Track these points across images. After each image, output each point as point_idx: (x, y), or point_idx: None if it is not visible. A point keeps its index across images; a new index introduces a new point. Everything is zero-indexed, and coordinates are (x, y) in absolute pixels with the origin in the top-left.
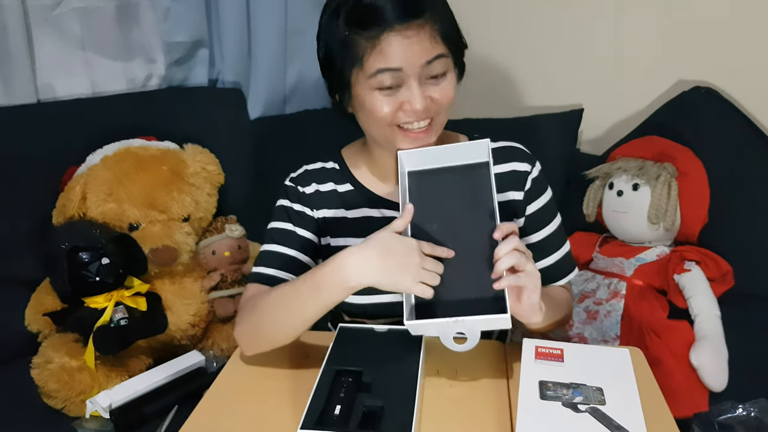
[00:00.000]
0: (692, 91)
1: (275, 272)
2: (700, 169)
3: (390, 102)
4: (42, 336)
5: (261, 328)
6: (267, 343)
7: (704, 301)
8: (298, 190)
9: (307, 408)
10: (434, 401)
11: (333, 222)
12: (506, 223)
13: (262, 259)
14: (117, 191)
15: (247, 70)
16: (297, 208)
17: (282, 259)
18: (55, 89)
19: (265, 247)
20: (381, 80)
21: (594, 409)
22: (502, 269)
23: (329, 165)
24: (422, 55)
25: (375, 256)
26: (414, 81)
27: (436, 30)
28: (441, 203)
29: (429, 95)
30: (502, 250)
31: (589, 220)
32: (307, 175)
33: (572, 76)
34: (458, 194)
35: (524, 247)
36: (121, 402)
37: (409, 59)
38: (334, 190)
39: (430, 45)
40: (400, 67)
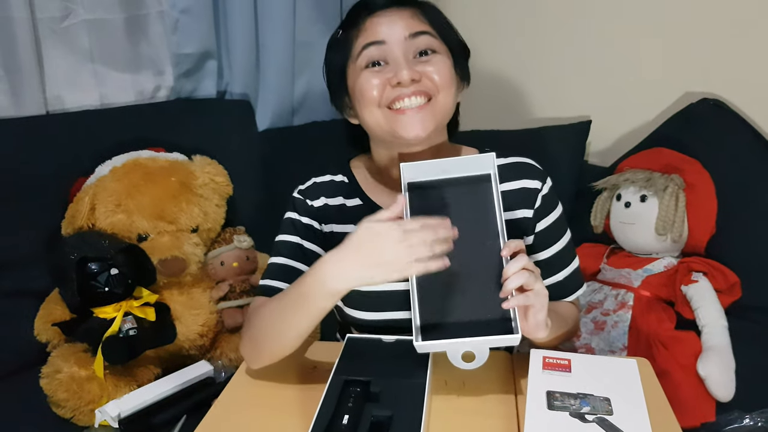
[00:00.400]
0: (700, 103)
1: (281, 285)
2: (708, 180)
3: (378, 77)
4: (51, 346)
5: (258, 341)
6: (267, 357)
7: (711, 312)
8: (306, 203)
9: (315, 418)
10: (442, 412)
11: (341, 237)
12: (513, 241)
13: (269, 272)
14: (126, 202)
15: (255, 82)
16: (305, 221)
17: (289, 273)
18: (64, 101)
19: (273, 260)
20: (367, 56)
21: (601, 420)
22: (511, 289)
23: (338, 178)
24: (405, 29)
25: (350, 254)
26: (399, 53)
27: (420, 16)
28: (445, 214)
29: (419, 70)
30: (511, 269)
31: (596, 231)
32: (315, 187)
33: (580, 88)
34: (462, 208)
35: (533, 265)
36: (130, 411)
37: (392, 32)
38: (343, 204)
39: (412, 21)
40: (383, 40)
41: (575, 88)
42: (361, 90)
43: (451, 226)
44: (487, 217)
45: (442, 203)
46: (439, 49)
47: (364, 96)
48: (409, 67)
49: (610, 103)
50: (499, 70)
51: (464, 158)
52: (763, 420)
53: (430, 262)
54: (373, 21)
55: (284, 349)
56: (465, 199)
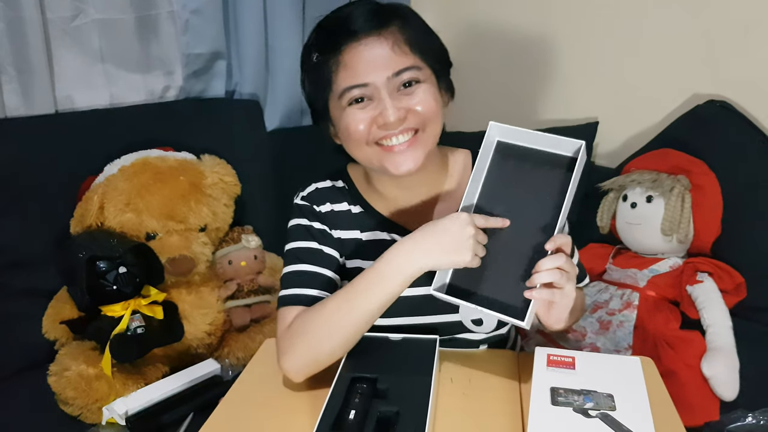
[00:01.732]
0: (707, 104)
1: (312, 292)
2: (714, 182)
3: (364, 116)
4: (59, 344)
5: (319, 344)
6: (326, 359)
7: (717, 313)
8: (314, 208)
9: (322, 413)
10: (448, 409)
11: (348, 243)
12: (561, 236)
13: (292, 282)
14: (135, 201)
15: (264, 83)
16: (318, 226)
17: (316, 279)
18: (74, 101)
19: (293, 268)
20: (350, 96)
21: (605, 415)
22: (537, 282)
23: (339, 184)
24: (387, 67)
25: (428, 240)
26: (384, 93)
27: (403, 40)
28: (515, 186)
29: (405, 107)
30: (545, 265)
31: (603, 232)
32: (318, 193)
33: (588, 90)
34: (534, 184)
35: (570, 265)
36: (138, 409)
37: (374, 72)
38: (349, 210)
39: (394, 54)
40: (366, 83)
41: (583, 89)
42: (347, 128)
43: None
44: (552, 203)
45: (519, 171)
46: (422, 77)
47: (350, 134)
48: (395, 106)
49: (618, 104)
50: (508, 72)
51: (555, 137)
52: (766, 418)
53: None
54: (354, 53)
55: (348, 344)
56: (541, 176)
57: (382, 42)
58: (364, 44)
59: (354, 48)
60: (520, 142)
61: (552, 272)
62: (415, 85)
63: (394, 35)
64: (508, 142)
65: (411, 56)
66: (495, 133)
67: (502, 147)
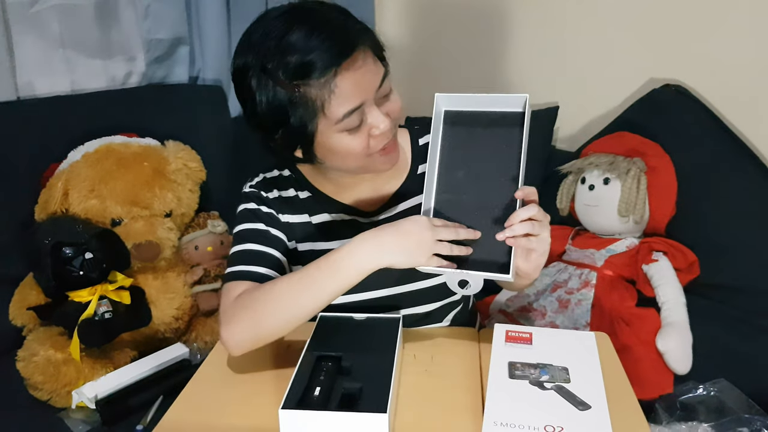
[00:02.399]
0: (662, 89)
1: (260, 269)
2: (669, 164)
3: (359, 137)
4: (26, 330)
5: (263, 321)
6: (266, 337)
7: (671, 290)
8: (261, 194)
9: (288, 390)
10: (411, 384)
11: (297, 227)
12: (529, 187)
13: (239, 259)
14: (99, 188)
15: (227, 68)
16: (265, 210)
17: (263, 257)
18: (35, 87)
19: (241, 247)
20: (348, 123)
21: (559, 387)
22: (512, 235)
23: (285, 173)
24: (374, 82)
25: (389, 241)
26: (374, 105)
27: (368, 48)
28: (470, 149)
29: (387, 111)
30: (518, 216)
31: (562, 214)
32: (266, 182)
33: (548, 75)
34: (489, 143)
35: (542, 214)
36: (107, 393)
37: (366, 91)
38: (297, 195)
39: (376, 68)
40: (360, 104)
41: (543, 74)
42: (346, 150)
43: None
44: (511, 156)
45: (471, 134)
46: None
47: (349, 154)
48: (385, 116)
49: (577, 89)
50: (467, 57)
51: (499, 95)
52: (716, 389)
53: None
54: (345, 78)
55: (290, 326)
56: (493, 135)
57: (367, 59)
58: (355, 68)
59: (346, 71)
60: (467, 107)
61: (525, 224)
62: (390, 90)
63: (367, 47)
64: (456, 109)
65: (380, 63)
66: (442, 104)
67: (451, 116)
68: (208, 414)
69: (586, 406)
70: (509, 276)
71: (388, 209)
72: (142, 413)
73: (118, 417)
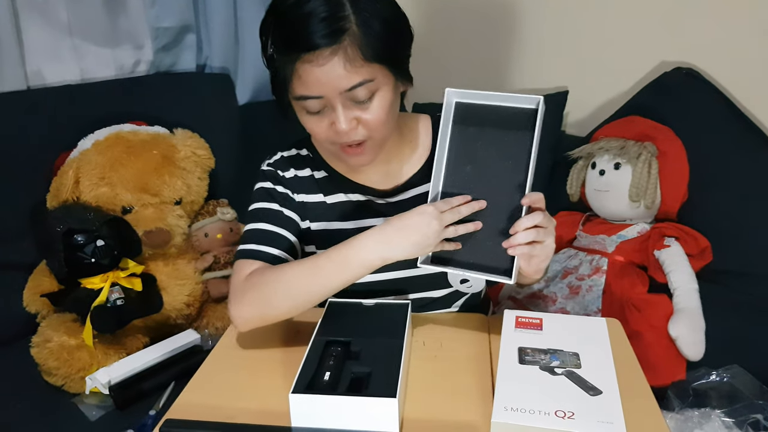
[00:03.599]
0: (674, 72)
1: (272, 250)
2: (680, 148)
3: (320, 123)
4: (40, 317)
5: (271, 302)
6: (273, 317)
7: (683, 276)
8: (278, 173)
9: (297, 375)
10: (420, 370)
11: (312, 206)
12: (535, 193)
13: (252, 237)
14: (109, 175)
15: (235, 56)
16: (280, 189)
17: (273, 238)
18: (44, 76)
19: (253, 226)
20: (306, 106)
21: (570, 372)
22: (516, 244)
23: (303, 152)
24: (341, 83)
25: (396, 235)
26: (338, 104)
27: (356, 53)
28: (480, 146)
29: (356, 117)
30: (523, 224)
31: (572, 199)
32: (284, 160)
33: (557, 59)
34: (499, 142)
35: (547, 220)
36: (120, 378)
37: (328, 88)
38: (312, 175)
39: (347, 72)
40: (320, 95)
41: (552, 58)
42: (305, 127)
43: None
44: (519, 159)
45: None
46: (377, 86)
47: (313, 134)
48: (347, 117)
49: (587, 73)
50: (476, 41)
51: (513, 95)
52: (728, 375)
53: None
54: (305, 68)
55: (298, 310)
56: (504, 135)
57: (334, 59)
58: (317, 63)
59: (307, 63)
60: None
61: (529, 232)
62: (368, 101)
63: (347, 50)
64: (468, 102)
65: (365, 68)
66: (453, 97)
67: (462, 109)
68: (219, 398)
69: (597, 392)
70: (510, 280)
71: (403, 192)
72: (155, 398)
73: (130, 402)
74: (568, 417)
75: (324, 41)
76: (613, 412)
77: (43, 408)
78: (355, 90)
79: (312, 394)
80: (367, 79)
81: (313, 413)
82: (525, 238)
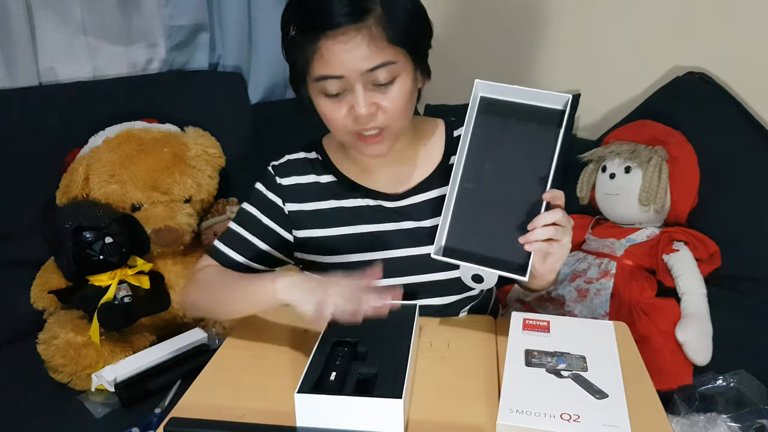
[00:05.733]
0: (686, 76)
1: (235, 255)
2: (691, 152)
3: (338, 108)
4: (47, 313)
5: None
6: (208, 315)
7: (691, 280)
8: (275, 180)
9: (303, 375)
10: (426, 371)
11: (312, 214)
12: (556, 190)
13: (226, 237)
14: (120, 173)
15: (247, 55)
16: (270, 196)
17: (242, 244)
18: (57, 73)
19: (232, 225)
20: (325, 87)
21: (576, 375)
22: (534, 239)
23: (311, 155)
24: (362, 63)
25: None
26: (359, 86)
27: (380, 34)
28: (503, 141)
29: (375, 102)
30: (542, 220)
31: (582, 203)
32: (288, 165)
33: (570, 62)
34: (522, 138)
35: (566, 219)
36: (126, 376)
37: (350, 67)
38: (317, 182)
39: (370, 52)
40: (341, 75)
41: (565, 61)
42: (324, 114)
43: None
44: (542, 157)
45: (505, 128)
46: (398, 69)
47: (327, 121)
48: (367, 102)
49: (599, 76)
50: (490, 43)
51: (542, 91)
52: (735, 380)
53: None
54: (328, 45)
55: (230, 316)
56: (528, 131)
57: (358, 38)
58: (340, 40)
59: (330, 41)
60: (506, 97)
61: (548, 228)
62: (389, 85)
63: (372, 29)
64: (494, 97)
65: (388, 50)
66: (480, 90)
67: (487, 103)
68: (225, 397)
69: (603, 395)
70: (525, 278)
71: (413, 195)
72: (161, 396)
73: (136, 400)
74: (574, 420)
75: (349, 18)
76: (619, 415)
77: (49, 405)
78: (376, 71)
79: (318, 394)
80: (389, 61)
81: (318, 413)
82: (543, 234)
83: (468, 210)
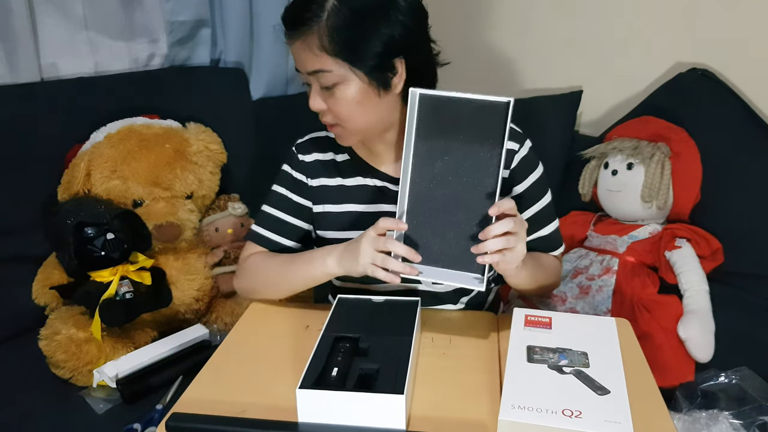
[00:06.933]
0: (689, 72)
1: (273, 236)
2: (694, 149)
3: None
4: (49, 309)
5: (261, 286)
6: (263, 296)
7: (693, 277)
8: (298, 157)
9: (305, 370)
10: (428, 367)
11: (330, 190)
12: (505, 201)
13: (262, 220)
14: (121, 168)
15: (249, 51)
16: (295, 175)
17: (278, 224)
18: (58, 68)
19: (266, 208)
20: (300, 77)
21: (578, 372)
22: (487, 250)
23: (332, 134)
24: (304, 65)
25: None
26: (311, 82)
27: (315, 42)
28: (449, 139)
29: (326, 101)
30: (493, 232)
31: (584, 199)
32: (309, 143)
33: (572, 59)
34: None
35: (519, 225)
36: (128, 372)
37: (300, 66)
38: (333, 159)
39: (306, 57)
40: (300, 70)
41: (567, 58)
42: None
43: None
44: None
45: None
46: (336, 78)
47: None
48: (315, 97)
49: (602, 73)
50: (491, 41)
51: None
52: (737, 377)
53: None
54: (292, 43)
55: (284, 294)
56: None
57: (299, 42)
58: (290, 42)
59: (291, 39)
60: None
61: (499, 240)
62: (333, 88)
63: (309, 36)
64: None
65: (323, 58)
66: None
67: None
68: (227, 393)
69: (605, 391)
70: (483, 288)
71: None
72: (162, 392)
73: (138, 396)
74: (576, 416)
75: (295, 23)
76: (621, 412)
77: (51, 400)
78: (316, 75)
79: (319, 390)
80: (323, 69)
81: (320, 409)
82: (494, 246)
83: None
